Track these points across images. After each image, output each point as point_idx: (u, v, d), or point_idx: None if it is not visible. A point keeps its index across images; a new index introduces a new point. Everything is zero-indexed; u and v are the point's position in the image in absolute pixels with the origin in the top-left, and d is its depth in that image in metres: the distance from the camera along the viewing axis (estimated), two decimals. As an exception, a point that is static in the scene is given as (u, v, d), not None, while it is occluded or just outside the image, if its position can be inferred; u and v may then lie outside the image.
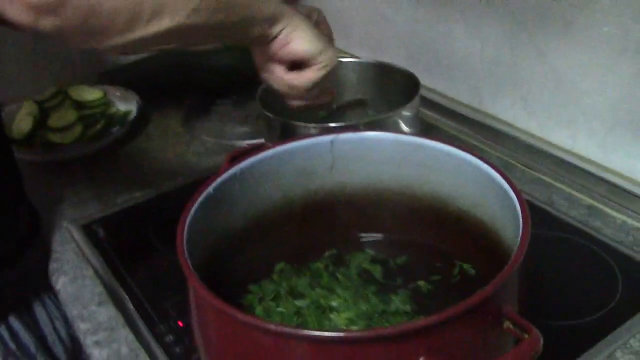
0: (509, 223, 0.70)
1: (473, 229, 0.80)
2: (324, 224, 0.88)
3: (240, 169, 0.77)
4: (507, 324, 0.58)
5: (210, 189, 0.73)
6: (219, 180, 0.75)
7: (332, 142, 0.83)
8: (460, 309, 0.55)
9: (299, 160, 0.83)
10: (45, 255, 1.03)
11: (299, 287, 0.79)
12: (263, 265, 0.83)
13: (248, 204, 0.81)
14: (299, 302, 0.76)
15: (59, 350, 1.01)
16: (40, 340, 0.98)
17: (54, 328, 1.00)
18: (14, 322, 0.94)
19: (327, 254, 0.86)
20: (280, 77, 0.85)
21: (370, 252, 0.86)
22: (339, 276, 0.82)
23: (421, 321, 0.54)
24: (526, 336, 0.55)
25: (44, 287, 1.01)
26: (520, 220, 0.65)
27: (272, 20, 0.78)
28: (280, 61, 0.84)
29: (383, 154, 0.84)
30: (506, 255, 0.69)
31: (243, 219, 0.81)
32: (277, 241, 0.86)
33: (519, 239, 0.62)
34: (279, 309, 0.75)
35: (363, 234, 0.89)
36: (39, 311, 0.99)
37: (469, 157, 0.77)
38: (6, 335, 0.93)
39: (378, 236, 0.89)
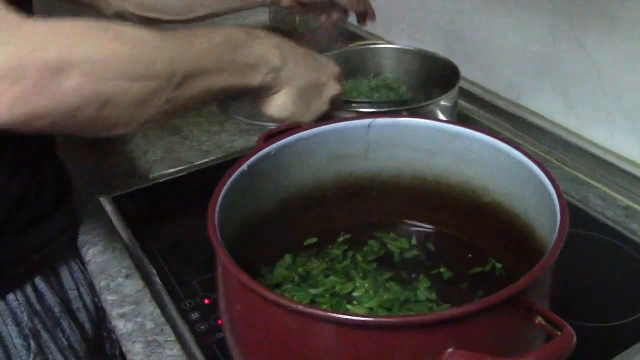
0: (544, 217, 0.69)
1: (506, 222, 0.79)
2: (355, 210, 0.87)
3: (274, 148, 0.76)
4: (539, 320, 0.57)
5: (244, 166, 0.72)
6: (253, 158, 0.74)
7: (369, 125, 0.81)
8: (493, 301, 0.54)
9: (334, 143, 0.82)
10: (73, 221, 1.03)
11: (313, 271, 0.79)
12: (286, 247, 0.83)
13: (279, 185, 0.80)
14: (312, 290, 0.75)
15: (82, 316, 1.01)
16: (65, 304, 0.99)
17: (79, 294, 1.01)
18: (40, 283, 0.95)
19: (341, 238, 0.85)
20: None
21: (399, 238, 0.86)
22: (359, 257, 0.81)
23: (453, 311, 0.53)
24: (558, 333, 0.54)
25: (71, 253, 1.01)
26: (558, 214, 0.63)
27: (258, 88, 0.80)
28: None
29: (419, 141, 0.82)
30: (538, 252, 0.68)
31: (272, 200, 0.80)
32: (305, 224, 0.85)
33: (555, 234, 0.61)
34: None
35: (393, 222, 0.88)
36: (65, 276, 1.00)
37: (506, 147, 0.75)
38: (32, 296, 0.93)
39: (408, 223, 0.88)
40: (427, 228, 0.87)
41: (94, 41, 0.61)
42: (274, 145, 0.76)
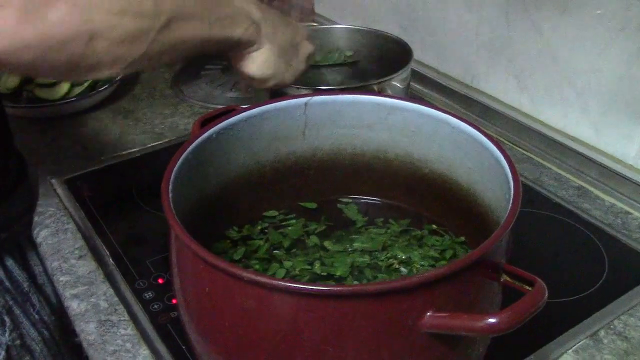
0: (489, 183, 0.71)
1: (447, 192, 0.80)
2: (295, 190, 0.87)
3: (215, 131, 0.75)
4: (505, 278, 0.58)
5: (188, 150, 0.71)
6: (196, 142, 0.72)
7: (305, 104, 0.81)
8: (468, 261, 0.55)
9: (272, 124, 0.81)
10: (33, 200, 1.02)
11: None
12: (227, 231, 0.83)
13: (222, 169, 0.79)
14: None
15: (49, 290, 1.02)
16: (32, 279, 0.99)
17: (44, 269, 1.00)
18: (8, 260, 0.95)
19: (258, 227, 0.85)
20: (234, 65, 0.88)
21: (344, 211, 0.87)
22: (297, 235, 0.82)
23: (429, 274, 0.53)
24: (529, 289, 0.55)
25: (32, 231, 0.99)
26: (510, 174, 0.65)
27: (240, 42, 0.80)
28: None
29: (356, 117, 0.83)
30: (484, 216, 0.71)
31: (216, 184, 0.79)
32: (247, 208, 0.84)
33: (511, 194, 0.62)
34: None
35: (336, 198, 0.89)
36: (29, 252, 1.00)
37: (445, 116, 0.76)
38: (1, 273, 0.93)
39: (353, 197, 0.89)
40: (371, 200, 0.88)
41: None
42: (214, 129, 0.75)
